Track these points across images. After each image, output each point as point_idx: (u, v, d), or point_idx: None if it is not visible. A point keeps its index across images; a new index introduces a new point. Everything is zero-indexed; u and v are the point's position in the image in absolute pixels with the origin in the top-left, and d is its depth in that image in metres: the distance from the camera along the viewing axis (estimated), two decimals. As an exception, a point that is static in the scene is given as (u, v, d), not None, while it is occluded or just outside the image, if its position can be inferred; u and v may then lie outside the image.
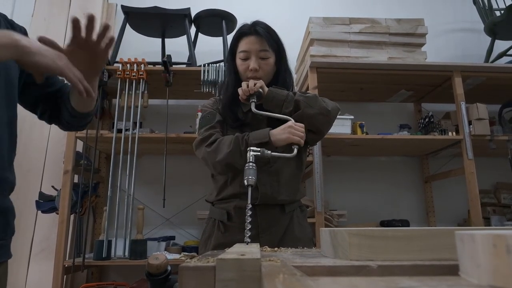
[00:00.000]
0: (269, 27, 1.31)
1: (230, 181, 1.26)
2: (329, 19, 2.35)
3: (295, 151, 1.10)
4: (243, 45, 1.29)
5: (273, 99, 1.21)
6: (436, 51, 2.80)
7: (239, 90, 1.22)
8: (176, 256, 2.11)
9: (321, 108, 1.21)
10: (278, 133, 1.14)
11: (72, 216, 2.21)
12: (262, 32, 1.27)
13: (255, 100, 1.19)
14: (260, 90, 1.19)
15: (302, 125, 1.15)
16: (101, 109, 2.39)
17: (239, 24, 1.36)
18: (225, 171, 1.22)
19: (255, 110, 1.18)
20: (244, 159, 1.08)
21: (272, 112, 1.23)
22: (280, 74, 1.33)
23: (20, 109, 0.98)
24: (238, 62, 1.31)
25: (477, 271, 0.33)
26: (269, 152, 1.05)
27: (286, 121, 1.18)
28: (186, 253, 2.15)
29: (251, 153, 1.04)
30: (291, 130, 1.13)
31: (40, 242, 2.28)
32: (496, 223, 2.47)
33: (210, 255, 0.61)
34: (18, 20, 1.03)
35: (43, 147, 2.47)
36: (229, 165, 1.18)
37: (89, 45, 0.83)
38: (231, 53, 1.35)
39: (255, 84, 1.19)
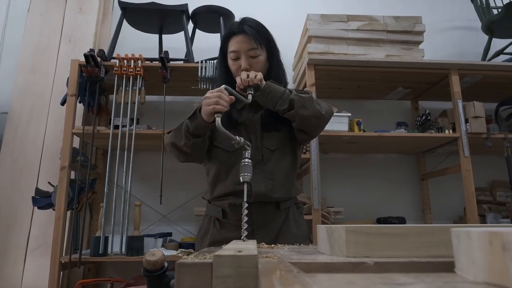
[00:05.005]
0: (257, 24, 1.30)
1: (222, 177, 1.25)
2: (327, 16, 2.34)
3: (218, 120, 1.05)
4: (232, 45, 1.28)
5: (269, 94, 1.20)
6: (434, 49, 2.80)
7: (237, 79, 1.20)
8: (173, 252, 2.12)
9: (315, 110, 1.21)
10: (202, 110, 1.13)
11: (68, 212, 2.20)
12: (249, 31, 1.26)
13: (252, 92, 1.18)
14: (259, 82, 1.18)
15: (218, 88, 1.12)
16: (98, 105, 2.38)
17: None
18: (172, 151, 1.28)
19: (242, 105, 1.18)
20: (184, 140, 1.18)
21: (267, 108, 1.24)
22: (272, 69, 1.33)
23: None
24: (230, 62, 1.31)
25: (473, 268, 0.33)
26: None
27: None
28: (183, 250, 2.16)
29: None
30: (205, 102, 1.10)
31: (36, 238, 2.28)
32: (492, 221, 2.48)
33: (207, 252, 0.61)
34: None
35: (40, 143, 2.46)
36: (174, 145, 1.24)
37: None
38: (221, 53, 1.34)
39: (255, 76, 1.18)
